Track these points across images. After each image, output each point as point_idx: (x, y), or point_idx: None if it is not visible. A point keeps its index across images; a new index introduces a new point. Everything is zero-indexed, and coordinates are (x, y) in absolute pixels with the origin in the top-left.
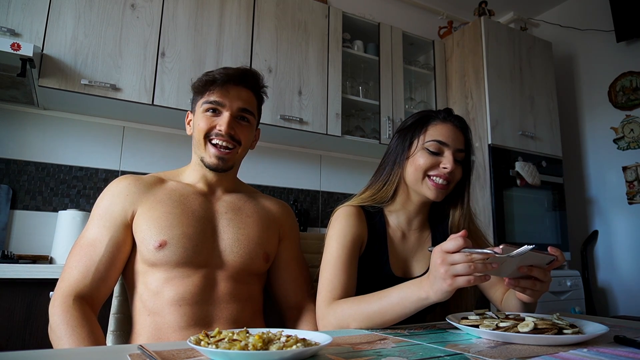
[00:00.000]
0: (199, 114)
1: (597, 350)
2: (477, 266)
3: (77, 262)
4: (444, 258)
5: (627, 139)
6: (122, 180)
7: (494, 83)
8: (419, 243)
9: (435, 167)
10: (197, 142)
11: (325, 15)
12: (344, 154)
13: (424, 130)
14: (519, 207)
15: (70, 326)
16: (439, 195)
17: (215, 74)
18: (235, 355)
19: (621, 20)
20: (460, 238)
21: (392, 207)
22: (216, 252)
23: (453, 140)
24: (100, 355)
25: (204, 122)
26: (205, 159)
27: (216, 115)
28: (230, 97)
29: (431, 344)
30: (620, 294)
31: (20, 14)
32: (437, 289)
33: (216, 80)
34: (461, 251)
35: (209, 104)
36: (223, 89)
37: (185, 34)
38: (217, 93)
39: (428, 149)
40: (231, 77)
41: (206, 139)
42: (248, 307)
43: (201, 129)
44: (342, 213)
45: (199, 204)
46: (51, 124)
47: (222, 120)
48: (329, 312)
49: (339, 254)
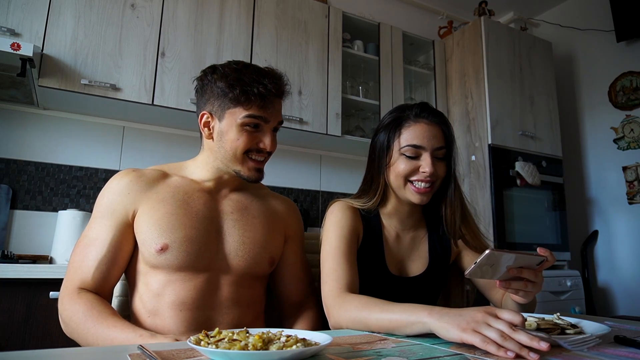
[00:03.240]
0: (236, 126)
1: (597, 350)
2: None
3: (79, 262)
4: (490, 312)
5: (627, 139)
6: (123, 177)
7: (494, 83)
8: (414, 243)
9: (415, 171)
10: (231, 156)
11: (325, 15)
12: (344, 154)
13: (399, 135)
14: (519, 207)
15: (82, 311)
16: (423, 199)
17: (262, 87)
18: (235, 355)
19: (621, 20)
20: (520, 316)
21: (385, 209)
22: (220, 256)
23: (429, 141)
24: (100, 355)
25: (246, 139)
26: (243, 172)
27: (256, 130)
28: (273, 111)
29: (432, 344)
30: (620, 294)
31: (20, 14)
32: (446, 323)
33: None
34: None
35: (253, 119)
36: (269, 103)
37: (185, 34)
38: (264, 109)
39: (405, 154)
40: (277, 92)
41: (246, 154)
42: (250, 311)
43: (241, 145)
44: (338, 207)
45: (204, 203)
46: (51, 124)
47: (266, 138)
48: (335, 306)
49: (338, 245)
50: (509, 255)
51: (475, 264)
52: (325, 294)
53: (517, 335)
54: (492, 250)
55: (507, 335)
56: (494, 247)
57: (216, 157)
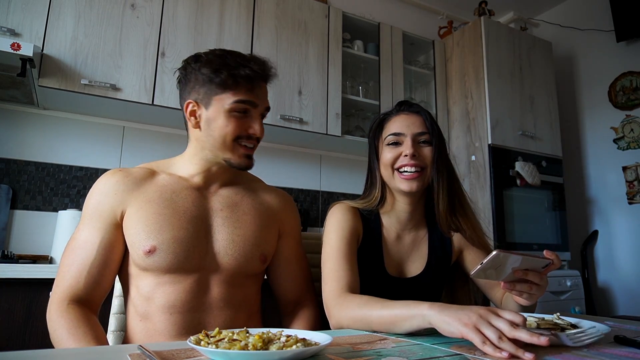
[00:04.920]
0: (224, 112)
1: (597, 350)
2: (504, 345)
3: (69, 265)
4: (492, 311)
5: (627, 139)
6: (110, 177)
7: (494, 83)
8: (415, 244)
9: (398, 158)
10: (220, 144)
11: (325, 15)
12: (344, 154)
13: (382, 130)
14: (519, 207)
15: (66, 328)
16: (412, 186)
17: (248, 70)
18: (235, 355)
19: (621, 20)
20: (521, 316)
21: (384, 209)
22: (209, 255)
23: (408, 127)
24: (100, 355)
25: (234, 124)
26: (233, 160)
27: (245, 115)
28: (261, 97)
29: (432, 344)
30: (620, 294)
31: (20, 14)
32: (447, 316)
33: (254, 78)
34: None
35: (242, 104)
36: (257, 87)
37: (185, 34)
38: (252, 93)
39: (388, 144)
40: (263, 74)
41: (235, 141)
42: (242, 311)
43: (231, 132)
44: (338, 208)
45: (192, 202)
46: (51, 124)
47: (255, 125)
48: (335, 306)
49: (339, 245)
50: (515, 257)
51: (481, 264)
52: (325, 295)
53: (518, 333)
54: (499, 252)
55: (505, 335)
56: (500, 248)
57: (204, 147)
